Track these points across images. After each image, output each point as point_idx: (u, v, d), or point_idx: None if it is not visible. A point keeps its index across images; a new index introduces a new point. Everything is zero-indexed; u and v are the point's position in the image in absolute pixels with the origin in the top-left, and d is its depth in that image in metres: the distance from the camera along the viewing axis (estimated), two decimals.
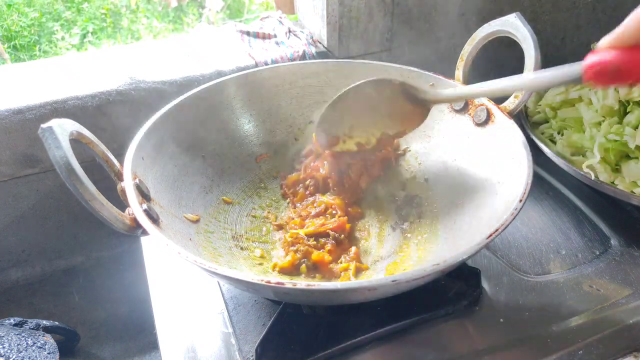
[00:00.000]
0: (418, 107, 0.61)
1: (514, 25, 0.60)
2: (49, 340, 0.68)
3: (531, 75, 0.52)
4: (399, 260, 0.59)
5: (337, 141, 0.65)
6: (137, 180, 0.51)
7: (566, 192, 0.76)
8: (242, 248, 0.61)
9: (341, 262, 0.59)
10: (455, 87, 0.65)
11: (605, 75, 0.41)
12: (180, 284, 0.62)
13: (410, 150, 0.72)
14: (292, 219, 0.65)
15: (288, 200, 0.69)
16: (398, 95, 0.61)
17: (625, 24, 0.39)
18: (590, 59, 0.41)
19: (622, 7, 1.06)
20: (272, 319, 0.53)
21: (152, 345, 0.81)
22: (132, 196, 0.48)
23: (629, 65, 0.39)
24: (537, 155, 0.60)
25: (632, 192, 0.67)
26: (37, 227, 0.84)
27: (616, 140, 0.70)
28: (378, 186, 0.70)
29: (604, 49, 0.41)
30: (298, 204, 0.68)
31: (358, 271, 0.58)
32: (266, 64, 0.84)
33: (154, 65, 0.84)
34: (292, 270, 0.58)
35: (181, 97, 0.65)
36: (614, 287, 0.60)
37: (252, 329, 0.55)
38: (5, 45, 1.71)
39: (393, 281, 0.40)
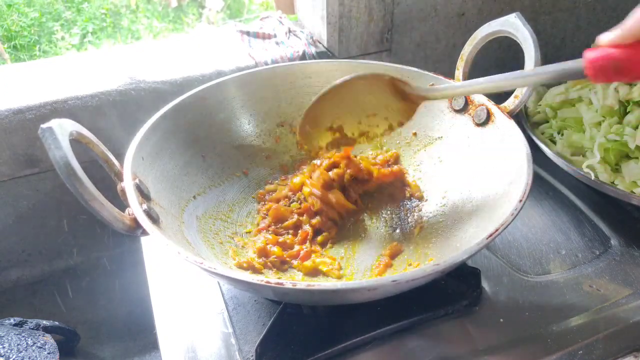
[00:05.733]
0: (407, 103, 0.60)
1: (514, 25, 0.60)
2: (49, 340, 0.68)
3: (530, 71, 0.50)
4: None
5: (319, 134, 0.63)
6: (137, 181, 0.51)
7: (566, 192, 0.76)
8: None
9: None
10: (449, 84, 0.62)
11: (607, 71, 0.41)
12: (180, 284, 0.62)
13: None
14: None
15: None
16: (387, 90, 0.59)
17: (627, 23, 0.40)
18: (591, 54, 0.42)
19: (622, 7, 1.06)
20: (272, 319, 0.53)
21: (152, 345, 0.81)
22: (132, 196, 0.49)
23: (631, 61, 0.40)
24: (537, 155, 0.60)
25: (632, 192, 0.67)
26: (37, 227, 0.84)
27: (616, 140, 0.70)
28: None
29: (604, 46, 0.41)
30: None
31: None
32: (266, 64, 0.84)
33: (154, 65, 0.84)
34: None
35: (181, 97, 0.65)
36: (614, 287, 0.60)
37: (252, 329, 0.55)
38: (5, 45, 1.70)
39: (393, 281, 0.40)
